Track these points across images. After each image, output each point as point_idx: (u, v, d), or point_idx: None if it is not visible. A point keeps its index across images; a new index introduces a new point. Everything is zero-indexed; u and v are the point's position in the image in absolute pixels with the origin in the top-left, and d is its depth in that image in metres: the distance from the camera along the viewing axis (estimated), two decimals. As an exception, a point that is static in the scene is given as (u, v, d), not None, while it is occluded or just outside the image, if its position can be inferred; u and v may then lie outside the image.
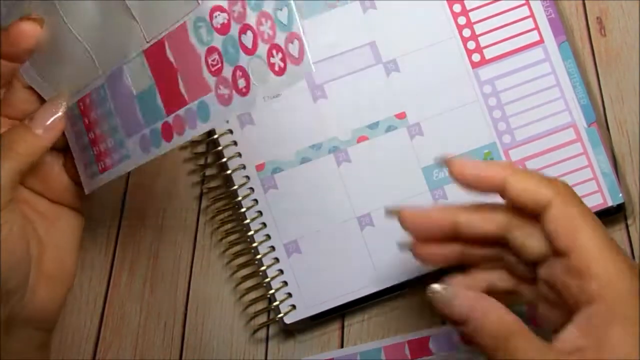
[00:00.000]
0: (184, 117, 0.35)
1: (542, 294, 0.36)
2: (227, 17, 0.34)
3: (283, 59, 0.32)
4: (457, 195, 0.46)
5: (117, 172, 0.38)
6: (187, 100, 0.35)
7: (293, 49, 0.32)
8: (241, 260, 0.48)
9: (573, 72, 0.47)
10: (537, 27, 0.47)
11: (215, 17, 0.34)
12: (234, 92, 0.34)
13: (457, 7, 0.48)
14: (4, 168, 0.35)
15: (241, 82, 0.34)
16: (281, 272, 0.47)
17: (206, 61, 0.34)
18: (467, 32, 0.47)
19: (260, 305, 0.48)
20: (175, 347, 0.48)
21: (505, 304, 0.35)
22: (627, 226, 0.47)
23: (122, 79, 0.37)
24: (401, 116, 0.47)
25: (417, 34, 0.48)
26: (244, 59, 0.34)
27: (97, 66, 0.38)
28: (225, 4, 0.34)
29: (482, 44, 0.47)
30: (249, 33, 0.33)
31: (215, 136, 0.48)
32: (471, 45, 0.47)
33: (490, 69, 0.47)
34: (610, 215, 0.47)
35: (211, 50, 0.34)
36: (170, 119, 0.35)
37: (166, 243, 0.49)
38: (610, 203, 0.46)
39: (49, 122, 0.38)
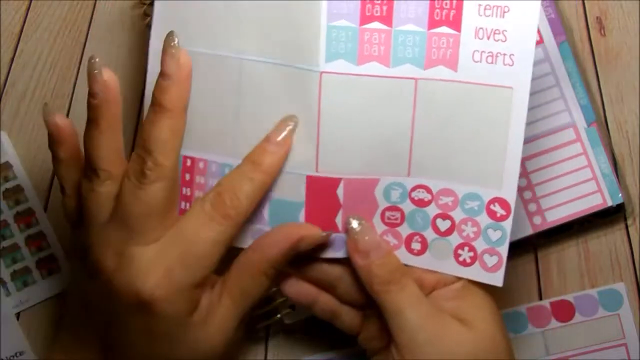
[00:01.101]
0: (329, 241, 0.39)
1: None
2: (429, 198, 0.38)
3: (472, 259, 0.38)
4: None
5: None
6: (340, 230, 0.39)
7: (489, 260, 0.38)
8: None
9: (573, 72, 0.47)
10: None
11: (417, 191, 0.38)
12: (403, 246, 0.39)
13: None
14: (257, 179, 0.37)
15: (415, 245, 0.39)
16: (281, 272, 0.47)
17: (383, 213, 0.39)
18: (466, 32, 0.47)
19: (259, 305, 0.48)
20: (175, 347, 0.48)
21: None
22: (626, 226, 0.47)
23: None
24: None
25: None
26: (430, 234, 0.39)
27: (233, 148, 0.39)
28: (434, 190, 0.38)
29: (482, 44, 0.47)
30: (448, 222, 0.38)
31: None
32: (471, 45, 0.47)
33: (490, 69, 0.47)
34: (609, 216, 0.47)
35: (395, 209, 0.39)
36: None
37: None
38: (609, 203, 0.46)
39: (280, 137, 0.38)
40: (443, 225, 0.39)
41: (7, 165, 0.50)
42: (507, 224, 0.38)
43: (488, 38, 0.37)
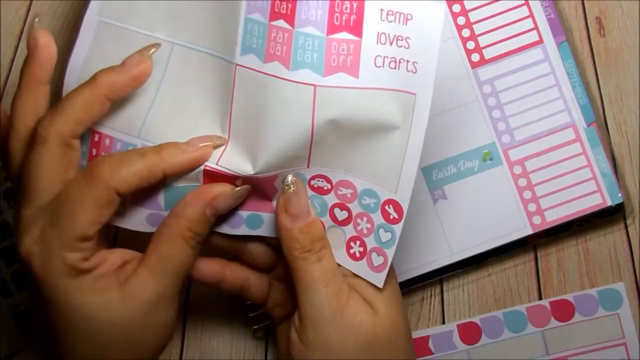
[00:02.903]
0: (227, 217, 0.40)
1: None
2: (329, 187, 0.38)
3: (362, 254, 0.38)
4: (458, 195, 0.46)
5: None
6: (237, 209, 0.39)
7: (375, 259, 0.38)
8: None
9: (572, 72, 0.47)
10: (536, 27, 0.47)
11: (317, 180, 0.38)
12: None
13: (456, 7, 0.48)
14: (149, 159, 0.36)
15: None
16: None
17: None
18: (466, 32, 0.47)
19: (260, 305, 0.48)
20: (176, 347, 0.48)
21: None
22: (626, 226, 0.47)
23: None
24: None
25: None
26: (327, 221, 0.39)
27: (141, 129, 0.39)
28: (334, 180, 0.38)
29: (482, 44, 0.47)
30: (345, 213, 0.38)
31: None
32: (470, 45, 0.47)
33: (490, 69, 0.47)
34: (609, 216, 0.47)
35: None
36: None
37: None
38: (609, 203, 0.46)
39: (200, 144, 0.38)
40: (341, 215, 0.39)
41: (7, 165, 0.50)
42: (398, 228, 0.37)
43: (391, 44, 0.36)
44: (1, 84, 0.53)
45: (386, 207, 0.37)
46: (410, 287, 0.47)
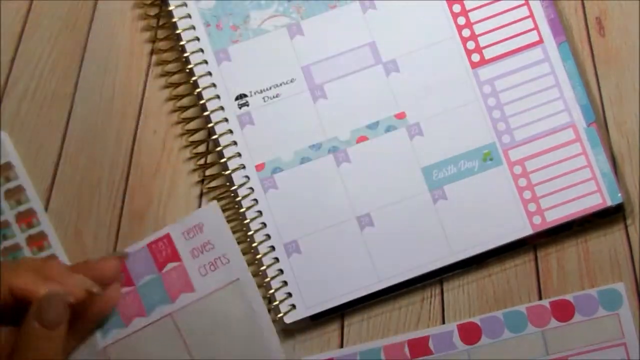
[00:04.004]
0: None
1: None
2: None
3: None
4: (458, 195, 0.46)
5: None
6: None
7: None
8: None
9: (572, 73, 0.47)
10: (536, 27, 0.47)
11: None
12: None
13: (456, 8, 0.48)
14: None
15: None
16: (281, 271, 0.47)
17: None
18: (466, 32, 0.48)
19: (260, 305, 0.48)
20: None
21: None
22: (626, 226, 0.47)
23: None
24: (401, 116, 0.47)
25: (416, 34, 0.48)
26: None
27: None
28: None
29: (482, 44, 0.47)
30: None
31: (215, 136, 0.48)
32: (471, 45, 0.48)
33: (490, 69, 0.47)
34: (609, 216, 0.47)
35: None
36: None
37: (166, 243, 0.49)
38: (609, 203, 0.46)
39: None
40: None
41: (8, 166, 0.50)
42: None
43: (202, 252, 0.45)
44: (1, 84, 0.53)
45: None
46: (410, 287, 0.47)
